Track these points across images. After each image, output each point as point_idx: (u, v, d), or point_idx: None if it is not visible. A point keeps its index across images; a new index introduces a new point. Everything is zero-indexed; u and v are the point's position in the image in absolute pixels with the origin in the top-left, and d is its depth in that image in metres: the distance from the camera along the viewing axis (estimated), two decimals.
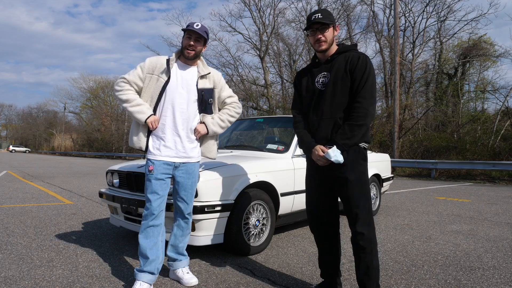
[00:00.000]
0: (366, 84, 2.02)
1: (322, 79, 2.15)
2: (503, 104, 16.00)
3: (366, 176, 2.13)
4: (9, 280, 2.52)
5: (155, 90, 2.44)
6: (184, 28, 2.43)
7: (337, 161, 2.02)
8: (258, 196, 3.20)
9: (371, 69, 2.07)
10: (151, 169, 2.41)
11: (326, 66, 2.16)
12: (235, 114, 2.67)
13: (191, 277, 2.51)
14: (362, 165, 2.10)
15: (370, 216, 2.10)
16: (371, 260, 2.07)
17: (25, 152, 54.16)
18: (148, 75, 2.46)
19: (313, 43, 2.14)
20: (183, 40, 2.46)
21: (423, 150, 15.35)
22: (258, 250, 3.20)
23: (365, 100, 2.02)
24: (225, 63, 25.45)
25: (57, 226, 4.22)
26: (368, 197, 2.12)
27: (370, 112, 2.03)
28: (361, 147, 2.11)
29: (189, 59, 2.48)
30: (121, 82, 2.45)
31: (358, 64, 2.05)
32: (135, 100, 2.42)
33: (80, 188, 8.12)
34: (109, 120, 41.55)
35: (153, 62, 2.47)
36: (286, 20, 24.29)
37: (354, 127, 2.02)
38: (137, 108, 2.40)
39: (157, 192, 2.40)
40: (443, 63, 20.60)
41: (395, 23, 15.58)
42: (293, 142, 3.86)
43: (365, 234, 2.05)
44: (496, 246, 3.52)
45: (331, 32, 2.11)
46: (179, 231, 2.58)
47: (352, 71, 2.06)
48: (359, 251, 2.08)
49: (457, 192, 8.23)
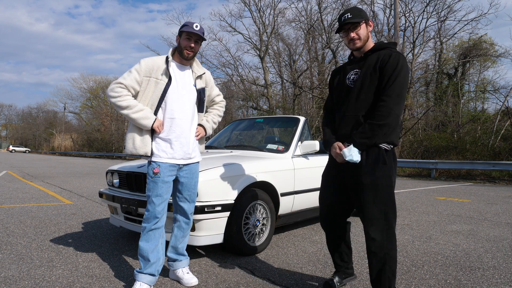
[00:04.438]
0: (394, 83, 1.94)
1: (353, 76, 2.10)
2: (503, 104, 16.01)
3: (385, 180, 1.98)
4: (9, 280, 2.52)
5: (156, 93, 2.37)
6: (183, 29, 2.37)
7: (351, 161, 1.94)
8: (258, 196, 3.20)
9: (403, 68, 1.96)
10: (157, 171, 2.35)
11: (359, 64, 2.11)
12: (222, 113, 2.76)
13: (191, 277, 2.51)
14: (381, 168, 1.97)
15: (386, 222, 1.98)
16: (383, 265, 1.99)
17: (25, 152, 54.12)
18: (146, 78, 2.37)
19: (348, 43, 2.10)
20: (182, 40, 2.40)
21: (423, 150, 15.35)
22: (258, 250, 3.20)
23: (390, 99, 1.93)
24: (225, 63, 25.46)
25: (57, 226, 4.22)
26: (387, 202, 1.99)
27: (395, 112, 1.93)
28: (382, 149, 1.99)
29: (187, 60, 2.45)
30: (117, 87, 2.33)
31: (389, 62, 1.96)
32: (136, 106, 2.32)
33: (80, 188, 8.12)
34: (109, 120, 41.53)
35: (149, 64, 2.38)
36: (286, 20, 24.33)
37: (374, 126, 1.94)
38: (141, 114, 2.31)
39: (162, 195, 2.36)
40: (443, 63, 20.59)
41: (395, 23, 15.58)
42: (293, 142, 3.86)
43: (377, 240, 1.98)
44: (496, 246, 3.52)
45: (364, 29, 2.06)
46: (179, 232, 2.57)
47: (382, 69, 1.98)
48: (371, 255, 2.04)
49: (457, 192, 8.23)
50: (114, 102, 2.33)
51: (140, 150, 2.36)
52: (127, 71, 2.39)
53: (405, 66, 1.96)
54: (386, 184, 1.98)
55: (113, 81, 2.38)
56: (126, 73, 2.37)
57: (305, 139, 3.96)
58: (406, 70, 1.96)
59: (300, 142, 3.86)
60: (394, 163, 2.04)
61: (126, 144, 2.38)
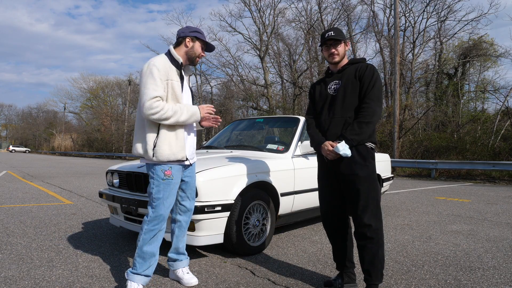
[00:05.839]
0: (373, 88, 2.26)
1: (334, 86, 2.39)
2: (503, 104, 16.01)
3: (375, 174, 2.30)
4: (9, 280, 2.52)
5: (177, 94, 2.32)
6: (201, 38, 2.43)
7: (345, 155, 2.18)
8: (258, 196, 3.20)
9: (378, 77, 2.32)
10: (170, 173, 2.30)
11: (337, 75, 2.41)
12: None
13: (191, 277, 2.51)
14: (371, 163, 2.27)
15: (378, 210, 2.25)
16: (377, 249, 2.22)
17: (25, 152, 54.13)
18: (165, 82, 2.29)
19: (327, 57, 2.41)
20: (197, 47, 2.42)
21: (423, 150, 15.35)
22: (258, 250, 3.20)
23: (372, 102, 2.24)
24: (225, 63, 25.49)
25: (57, 226, 4.22)
26: (378, 192, 2.28)
27: (377, 112, 2.24)
28: (368, 147, 2.28)
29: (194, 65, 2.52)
30: (155, 102, 2.19)
31: (366, 72, 2.30)
32: (179, 108, 2.26)
33: (80, 188, 8.12)
34: (109, 120, 41.54)
35: (166, 67, 2.31)
36: (286, 20, 24.33)
37: (362, 124, 2.22)
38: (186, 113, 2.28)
39: (171, 197, 2.35)
40: (443, 63, 20.60)
41: (395, 23, 15.58)
42: (293, 142, 3.86)
43: (372, 225, 2.21)
44: (496, 246, 3.52)
45: (342, 47, 2.39)
46: (180, 232, 2.56)
47: (361, 77, 2.30)
48: (366, 241, 2.22)
49: (457, 192, 8.23)
50: (159, 118, 2.20)
51: (178, 155, 2.29)
52: (149, 80, 2.23)
53: (379, 76, 2.34)
54: (375, 177, 2.30)
55: (147, 99, 2.20)
56: (152, 83, 2.22)
57: (305, 139, 3.96)
58: (380, 79, 2.34)
59: (300, 142, 3.86)
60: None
61: (160, 150, 2.25)
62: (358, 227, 2.25)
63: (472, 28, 19.50)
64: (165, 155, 2.25)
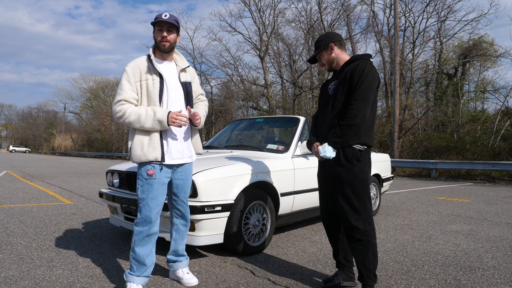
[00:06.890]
0: (360, 87, 2.18)
1: (332, 86, 2.39)
2: (503, 104, 16.01)
3: (362, 175, 2.24)
4: (9, 280, 2.52)
5: (154, 94, 2.28)
6: (152, 21, 2.29)
7: (325, 157, 2.23)
8: (258, 196, 3.20)
9: (368, 74, 2.20)
10: (152, 173, 2.26)
11: (338, 76, 2.41)
12: (207, 112, 2.66)
13: (191, 277, 2.51)
14: (356, 166, 2.22)
15: (366, 212, 2.23)
16: (367, 251, 2.22)
17: (25, 152, 54.12)
18: (137, 83, 2.28)
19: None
20: (155, 34, 2.31)
21: (423, 150, 15.35)
22: (258, 250, 3.20)
23: (357, 102, 2.17)
24: (225, 63, 25.47)
25: (57, 226, 4.22)
26: (366, 194, 2.25)
27: (361, 113, 2.16)
28: (356, 149, 2.24)
29: (165, 52, 2.34)
30: (118, 106, 2.23)
31: (356, 70, 2.22)
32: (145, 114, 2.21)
33: (80, 188, 8.12)
34: (109, 120, 41.49)
35: (134, 68, 2.28)
36: (286, 20, 24.31)
37: (343, 126, 2.19)
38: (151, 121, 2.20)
39: (157, 197, 2.29)
40: (443, 63, 20.59)
41: (395, 23, 15.58)
42: (293, 142, 3.86)
43: (360, 228, 2.20)
44: (496, 246, 3.52)
45: (324, 55, 2.41)
46: (178, 235, 2.54)
47: (351, 77, 2.24)
48: (355, 243, 2.24)
49: (457, 192, 8.23)
50: (123, 121, 2.23)
51: (149, 155, 2.24)
52: (119, 84, 2.29)
53: (371, 73, 2.20)
54: (363, 178, 2.25)
55: (113, 103, 2.28)
56: (119, 87, 2.27)
57: (305, 139, 3.96)
58: (371, 76, 2.20)
59: (300, 142, 3.86)
60: (368, 162, 2.30)
61: (133, 151, 2.26)
62: (346, 229, 2.27)
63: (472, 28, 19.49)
64: (137, 156, 2.26)
